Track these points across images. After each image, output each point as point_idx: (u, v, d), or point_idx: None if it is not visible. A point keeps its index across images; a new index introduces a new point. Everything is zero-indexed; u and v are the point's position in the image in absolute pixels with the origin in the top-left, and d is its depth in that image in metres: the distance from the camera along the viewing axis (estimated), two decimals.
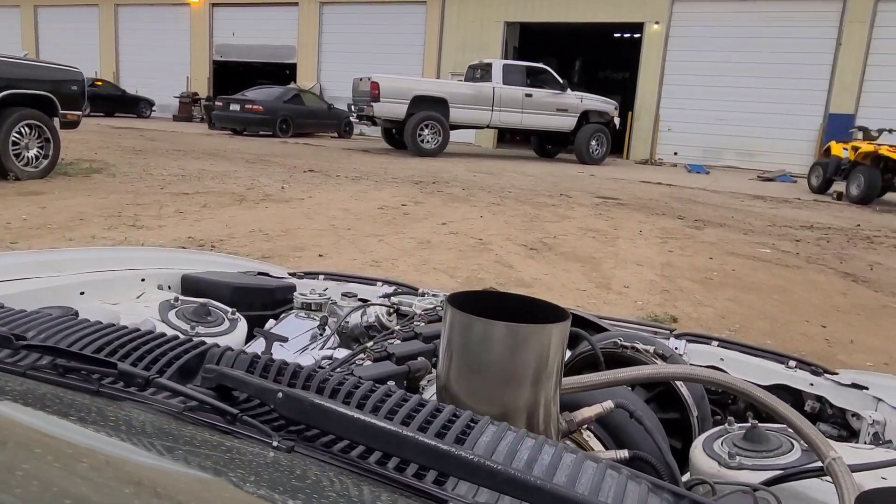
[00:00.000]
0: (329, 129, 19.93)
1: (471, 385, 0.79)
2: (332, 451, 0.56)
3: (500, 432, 0.59)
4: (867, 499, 0.72)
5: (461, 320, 0.77)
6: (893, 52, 16.09)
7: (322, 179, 9.67)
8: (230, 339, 1.38)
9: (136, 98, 24.19)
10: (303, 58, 23.70)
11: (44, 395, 0.59)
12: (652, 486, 0.61)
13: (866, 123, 12.75)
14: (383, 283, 1.90)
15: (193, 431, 0.55)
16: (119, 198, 7.07)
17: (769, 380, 1.47)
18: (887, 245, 7.33)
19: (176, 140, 15.11)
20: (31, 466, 0.46)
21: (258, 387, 0.61)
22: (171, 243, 5.24)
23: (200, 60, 25.50)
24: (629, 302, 4.55)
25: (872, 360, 3.75)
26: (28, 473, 0.44)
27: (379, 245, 5.69)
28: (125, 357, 0.70)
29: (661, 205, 9.41)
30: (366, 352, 1.12)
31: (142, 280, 1.58)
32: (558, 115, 15.43)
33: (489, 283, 4.71)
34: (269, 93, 18.55)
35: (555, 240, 6.37)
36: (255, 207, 7.11)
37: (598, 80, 24.50)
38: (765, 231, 7.72)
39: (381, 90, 13.92)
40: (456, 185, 9.92)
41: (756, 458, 0.99)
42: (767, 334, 4.09)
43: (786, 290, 5.08)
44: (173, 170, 9.63)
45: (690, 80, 18.26)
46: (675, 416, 1.22)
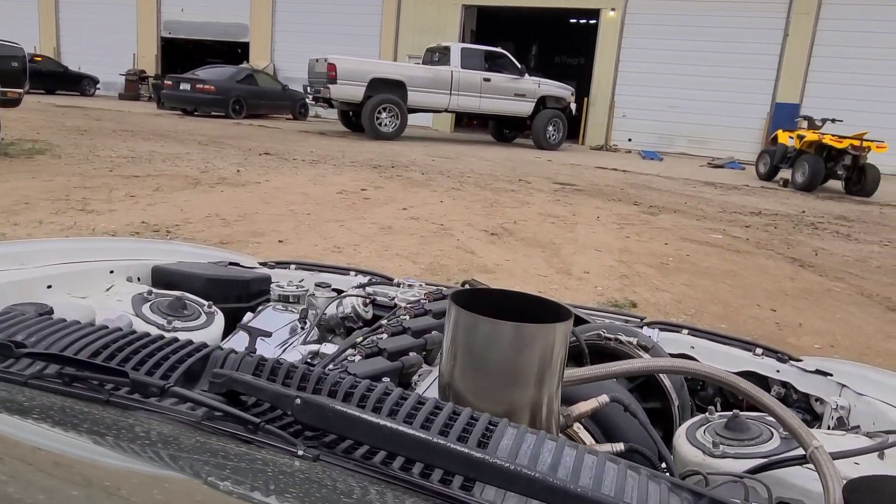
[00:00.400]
0: (283, 111, 19.52)
1: (476, 384, 0.79)
2: (354, 457, 0.56)
3: (519, 435, 0.59)
4: (853, 487, 0.76)
5: (466, 320, 0.77)
6: (837, 44, 16.69)
7: (279, 163, 9.49)
8: (208, 333, 1.35)
9: (79, 75, 23.14)
10: (255, 37, 23.07)
11: (49, 406, 0.57)
12: (650, 477, 0.63)
13: (811, 113, 13.22)
14: (357, 273, 1.88)
15: (214, 441, 0.54)
16: (65, 180, 6.79)
17: (737, 367, 1.52)
18: (830, 231, 7.65)
19: (123, 120, 14.56)
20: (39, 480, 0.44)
21: (274, 393, 0.60)
22: (124, 229, 5.07)
23: (147, 37, 24.54)
24: (590, 287, 4.63)
25: (819, 342, 3.93)
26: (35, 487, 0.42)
27: (340, 230, 5.63)
28: (125, 361, 0.68)
29: (617, 191, 9.58)
30: (356, 347, 1.11)
31: (110, 272, 1.53)
32: (516, 100, 15.48)
33: (452, 269, 4.73)
34: (221, 72, 18.02)
35: (515, 225, 6.42)
36: (210, 191, 6.93)
37: (554, 65, 24.65)
38: (716, 217, 7.95)
39: (338, 72, 13.69)
40: (415, 170, 9.88)
41: (738, 447, 1.02)
42: (721, 318, 4.23)
43: (737, 275, 5.25)
44: (122, 151, 9.29)
45: (645, 67, 18.57)
46: (656, 405, 1.25)
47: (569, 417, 0.91)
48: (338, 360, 1.06)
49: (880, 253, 6.64)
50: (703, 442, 1.05)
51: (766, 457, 0.98)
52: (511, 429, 0.61)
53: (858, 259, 6.25)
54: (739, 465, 0.97)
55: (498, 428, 0.60)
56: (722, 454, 1.01)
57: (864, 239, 7.32)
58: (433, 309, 1.32)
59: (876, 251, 6.71)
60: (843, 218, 8.72)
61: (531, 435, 0.60)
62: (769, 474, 0.94)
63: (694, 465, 1.01)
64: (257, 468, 0.51)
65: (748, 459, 0.99)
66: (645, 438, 0.96)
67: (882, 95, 16.18)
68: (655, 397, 1.27)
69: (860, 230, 7.87)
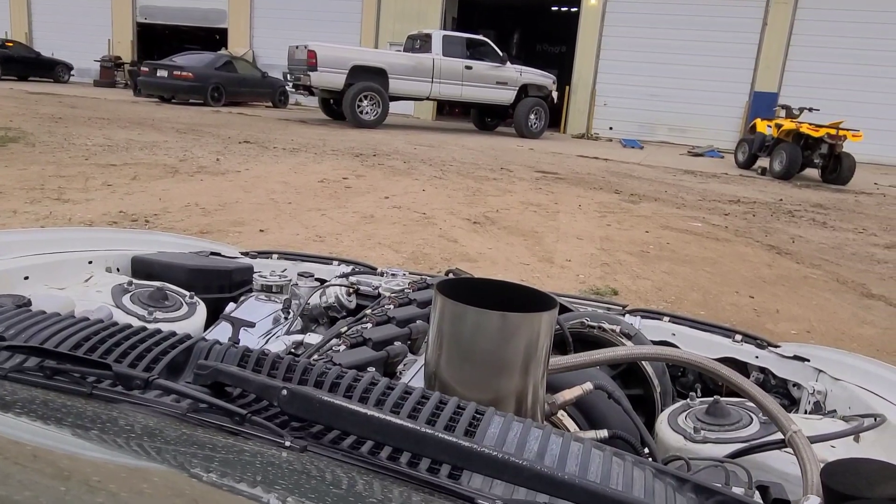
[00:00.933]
0: (263, 99, 19.28)
1: (462, 373, 0.79)
2: (342, 448, 0.56)
3: (506, 423, 0.60)
4: (830, 470, 0.78)
5: (452, 309, 0.78)
6: (815, 34, 16.86)
7: (259, 151, 9.39)
8: (190, 324, 1.34)
9: (52, 61, 22.63)
10: (234, 22, 22.72)
11: (30, 399, 0.56)
12: (635, 463, 0.64)
13: (789, 102, 13.36)
14: (340, 262, 1.88)
15: (200, 433, 0.54)
16: (40, 169, 6.66)
17: (717, 353, 1.55)
18: (807, 219, 7.76)
19: (99, 107, 14.29)
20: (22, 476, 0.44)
21: (260, 384, 0.59)
22: (102, 218, 4.99)
23: (123, 22, 24.05)
24: (571, 275, 4.66)
25: (796, 328, 4.00)
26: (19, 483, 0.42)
27: (322, 220, 5.60)
28: (107, 354, 0.67)
29: (599, 179, 9.63)
30: (340, 337, 1.10)
31: (89, 262, 1.51)
32: (498, 88, 15.45)
33: (435, 258, 4.73)
34: (199, 59, 17.73)
35: (497, 214, 6.43)
36: (189, 180, 6.84)
37: (535, 53, 24.61)
38: (696, 205, 8.03)
39: (319, 59, 13.54)
40: (397, 158, 9.84)
41: (719, 432, 1.04)
42: (701, 305, 4.29)
43: (717, 263, 5.32)
44: (98, 139, 9.13)
45: (626, 55, 18.61)
46: (639, 391, 1.27)
47: (554, 405, 0.92)
48: (322, 350, 1.06)
49: (855, 240, 6.76)
50: (685, 427, 1.06)
51: (745, 441, 1.00)
52: (497, 417, 0.61)
53: (834, 246, 6.36)
54: (720, 449, 0.99)
55: (485, 417, 0.61)
56: (703, 439, 1.03)
57: (840, 226, 7.44)
58: (417, 298, 1.32)
59: (851, 238, 6.83)
60: (819, 206, 8.85)
61: (517, 423, 0.61)
62: (749, 458, 0.96)
63: (676, 450, 1.02)
64: (245, 460, 0.50)
65: (729, 444, 1.00)
66: (628, 425, 0.97)
67: (858, 85, 16.41)
68: (638, 384, 1.28)
69: (836, 218, 8.00)
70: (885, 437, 1.03)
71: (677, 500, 0.58)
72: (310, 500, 0.46)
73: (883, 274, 5.46)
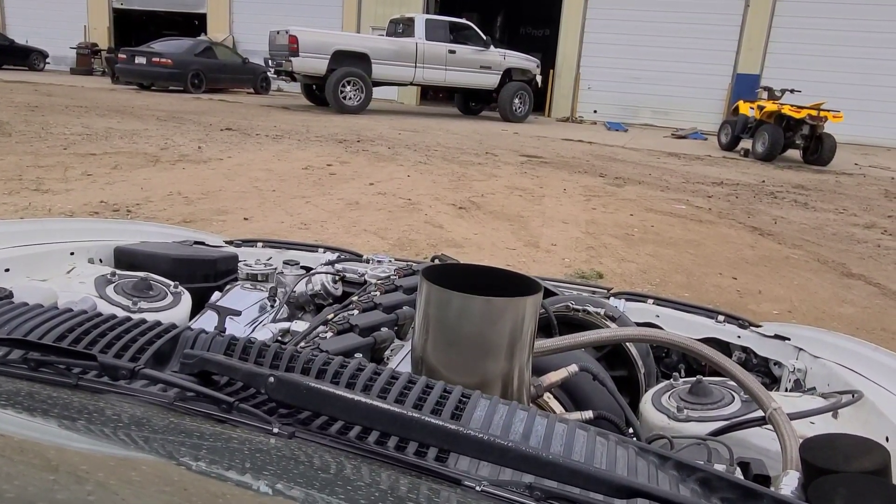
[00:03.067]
0: (245, 85, 19.06)
1: (448, 357, 0.80)
2: (330, 433, 0.56)
3: (492, 406, 0.61)
4: (809, 445, 0.80)
5: (438, 295, 0.78)
6: (796, 15, 16.94)
7: (241, 138, 9.30)
8: (175, 313, 1.33)
9: (26, 49, 22.16)
10: (213, 7, 22.36)
11: (15, 392, 0.56)
12: (618, 442, 0.65)
13: (771, 83, 13.44)
14: (325, 250, 1.87)
15: (188, 422, 0.54)
16: (17, 159, 6.55)
17: (701, 333, 1.57)
18: (788, 200, 7.85)
19: (76, 95, 14.05)
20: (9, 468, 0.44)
21: (247, 372, 0.60)
22: (82, 209, 4.93)
23: (99, 8, 23.59)
24: (557, 259, 4.69)
25: (778, 308, 4.06)
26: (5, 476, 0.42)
27: (306, 207, 5.57)
28: (92, 344, 0.67)
29: (583, 163, 9.65)
30: (327, 324, 1.11)
31: (71, 254, 1.49)
32: (482, 73, 15.39)
33: (421, 244, 4.73)
34: (178, 45, 17.46)
35: (483, 199, 6.43)
36: (171, 169, 6.77)
37: (519, 36, 24.49)
38: (680, 188, 8.08)
39: (301, 44, 13.39)
40: (381, 144, 9.79)
41: (701, 411, 1.06)
42: (685, 287, 4.33)
43: (700, 245, 5.37)
44: (76, 128, 8.98)
45: (609, 38, 18.59)
46: (623, 373, 1.29)
47: (539, 388, 0.93)
48: (309, 338, 1.06)
49: (835, 221, 6.85)
50: (668, 407, 1.08)
51: (727, 419, 1.02)
52: (484, 400, 0.62)
53: (815, 227, 6.44)
54: (702, 428, 1.01)
55: (471, 400, 0.61)
56: (686, 418, 1.05)
57: (821, 207, 7.53)
58: (403, 284, 1.32)
59: (832, 219, 6.92)
60: (800, 187, 8.94)
61: (503, 406, 0.61)
62: (731, 436, 0.98)
63: (660, 429, 1.04)
64: (233, 447, 0.51)
65: (711, 422, 1.02)
66: (613, 405, 0.99)
67: (839, 66, 16.54)
68: (622, 365, 1.30)
69: (817, 199, 8.10)
70: (862, 413, 1.05)
71: (660, 477, 0.59)
72: (299, 485, 0.47)
73: (862, 253, 5.55)
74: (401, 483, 0.49)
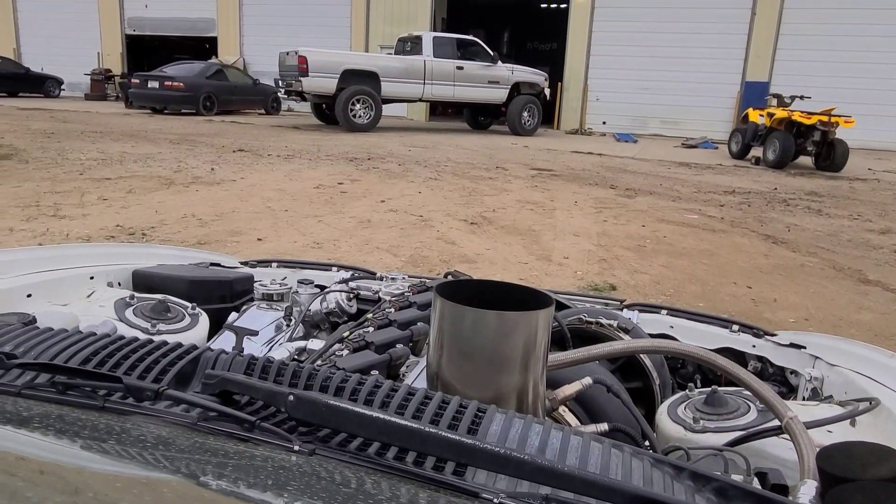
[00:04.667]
0: (256, 106, 19.30)
1: (463, 372, 0.81)
2: (349, 450, 0.57)
3: (507, 420, 0.61)
4: (826, 454, 0.80)
5: (452, 310, 0.79)
6: (803, 22, 16.92)
7: (253, 159, 9.40)
8: (193, 335, 1.35)
9: (42, 76, 22.60)
10: (223, 31, 22.72)
11: (44, 415, 0.57)
12: (633, 454, 0.66)
13: (780, 90, 13.40)
14: (339, 269, 1.89)
15: (211, 441, 0.55)
16: (35, 186, 6.66)
17: (715, 343, 1.56)
18: (802, 207, 7.79)
19: (91, 121, 14.29)
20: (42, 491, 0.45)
21: (267, 391, 0.61)
22: (99, 233, 5.00)
23: (112, 34, 24.03)
24: (569, 272, 4.68)
25: (794, 316, 4.02)
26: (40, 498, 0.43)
27: (319, 226, 5.61)
28: (116, 367, 0.69)
29: (594, 175, 9.66)
30: (343, 342, 1.12)
31: (90, 278, 1.52)
32: (490, 88, 15.49)
33: (433, 260, 4.75)
34: (190, 68, 17.74)
35: (494, 213, 6.45)
36: (184, 191, 6.85)
37: (526, 51, 24.65)
38: (691, 197, 8.06)
39: (310, 64, 13.56)
40: (391, 161, 9.85)
41: (718, 421, 1.06)
42: (699, 297, 4.31)
43: (714, 254, 5.34)
44: (92, 153, 9.13)
45: (617, 50, 18.66)
46: (638, 384, 1.29)
47: (554, 401, 0.94)
48: (326, 356, 1.08)
49: (850, 227, 6.79)
50: (684, 418, 1.08)
51: (743, 429, 1.02)
52: (499, 414, 0.63)
53: (830, 234, 6.39)
54: (719, 438, 1.01)
55: (486, 414, 0.62)
56: (702, 429, 1.05)
57: (835, 213, 7.48)
58: (417, 301, 1.33)
59: (846, 225, 6.86)
60: (814, 193, 8.88)
61: (518, 419, 0.62)
62: (747, 446, 0.98)
63: (676, 440, 1.04)
64: (256, 465, 0.52)
65: (727, 433, 1.02)
66: (628, 418, 0.99)
67: (848, 71, 16.46)
68: (637, 377, 1.30)
69: (831, 205, 8.03)
70: (880, 420, 1.05)
71: (675, 487, 0.60)
72: (321, 501, 0.48)
73: (879, 259, 5.49)
74: (420, 497, 0.50)
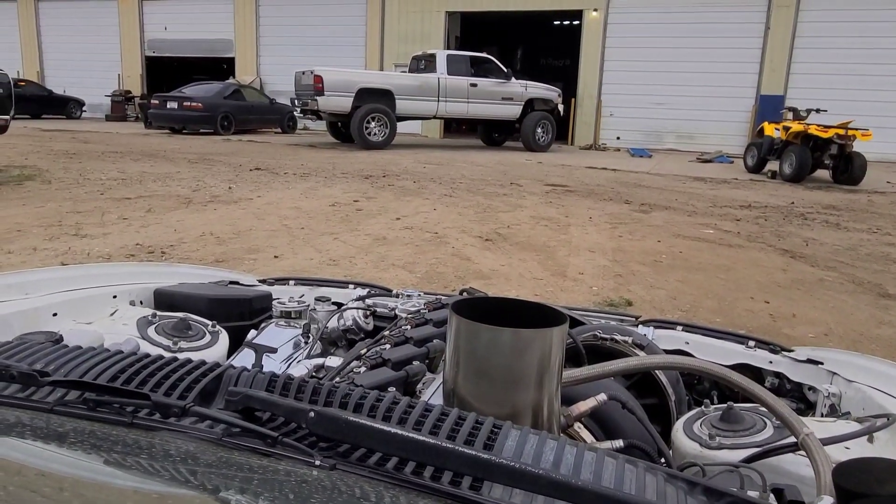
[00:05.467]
0: (272, 125, 19.56)
1: (479, 389, 0.83)
2: (369, 465, 0.59)
3: (523, 436, 0.63)
4: (842, 470, 0.80)
5: (467, 328, 0.81)
6: (818, 35, 16.88)
7: (270, 178, 9.51)
8: (213, 352, 1.38)
9: (64, 98, 23.12)
10: (241, 52, 23.12)
11: (77, 431, 0.60)
12: (647, 469, 0.67)
13: (795, 104, 13.33)
14: (356, 286, 1.91)
15: (236, 456, 0.57)
16: (57, 205, 6.79)
17: (731, 359, 1.56)
18: (820, 221, 7.72)
19: (111, 141, 14.55)
20: None
21: (288, 407, 0.63)
22: (119, 252, 5.08)
23: (132, 57, 24.56)
24: (585, 288, 4.67)
25: (813, 331, 3.98)
26: None
27: (335, 243, 5.66)
28: (143, 384, 0.71)
29: (608, 190, 9.65)
30: (360, 359, 1.14)
31: (113, 297, 1.55)
32: (504, 104, 15.58)
33: (449, 276, 4.76)
34: (208, 89, 18.05)
35: (509, 230, 6.46)
36: (202, 210, 6.95)
37: (539, 67, 24.79)
38: (707, 212, 8.02)
39: (325, 84, 13.74)
40: (406, 178, 9.92)
41: (734, 438, 1.06)
42: (716, 312, 4.28)
43: (730, 269, 5.31)
44: (112, 173, 9.30)
45: (630, 65, 18.71)
46: (654, 401, 1.29)
47: (569, 417, 0.94)
48: (344, 373, 1.10)
49: (869, 240, 6.71)
50: (700, 434, 1.08)
51: (760, 446, 1.02)
52: (514, 430, 0.64)
53: (848, 248, 6.32)
54: (735, 455, 1.01)
55: (502, 430, 0.64)
56: (718, 445, 1.05)
57: (854, 227, 7.40)
58: (433, 318, 1.35)
59: (865, 239, 6.79)
60: (831, 207, 8.80)
61: (533, 436, 0.64)
62: (763, 462, 0.97)
63: (692, 457, 1.04)
64: (280, 479, 0.54)
65: (743, 449, 1.02)
66: (643, 434, 1.00)
67: (864, 84, 16.36)
68: (652, 393, 1.30)
69: (849, 219, 7.95)
70: None
71: (689, 502, 0.60)
72: None
73: None
74: None
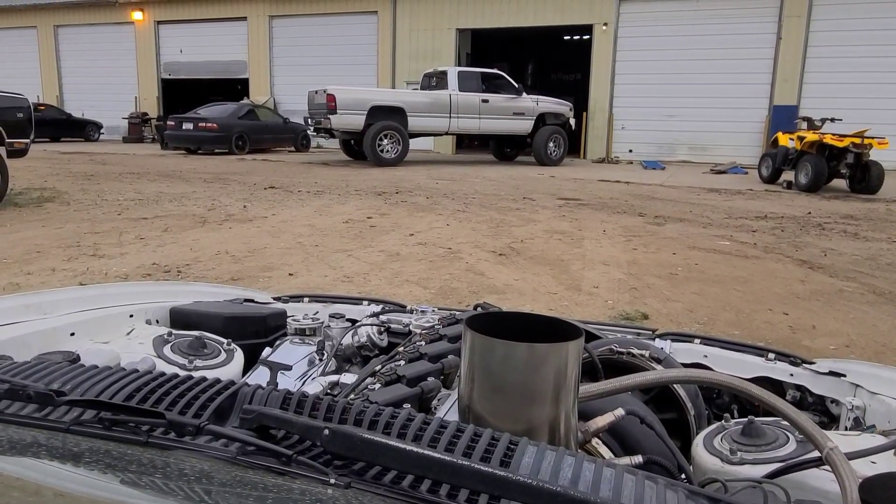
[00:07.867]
0: (286, 144, 19.76)
1: (494, 405, 0.82)
2: (384, 483, 0.58)
3: (539, 452, 0.62)
4: (869, 485, 0.78)
5: (482, 343, 0.80)
6: (831, 44, 16.80)
7: (284, 196, 9.59)
8: (228, 370, 1.38)
9: (82, 121, 23.55)
10: (255, 72, 23.45)
11: (92, 450, 0.60)
12: (668, 485, 0.65)
13: (808, 113, 13.25)
14: (370, 302, 1.91)
15: (250, 475, 0.57)
16: (75, 226, 6.89)
17: (751, 373, 1.53)
18: (837, 231, 7.63)
19: (128, 162, 14.77)
20: None
21: (303, 425, 0.63)
22: (136, 271, 5.13)
23: (148, 79, 24.98)
24: (600, 302, 4.64)
25: (834, 343, 3.91)
26: None
27: (349, 260, 5.67)
28: (158, 403, 0.71)
29: (622, 203, 9.61)
30: (375, 375, 1.13)
31: (130, 316, 1.57)
32: (515, 119, 15.64)
33: (463, 292, 4.75)
34: (222, 109, 18.30)
35: (522, 244, 6.45)
36: (218, 229, 7.01)
37: (550, 82, 24.86)
38: (722, 223, 7.95)
39: (338, 102, 13.88)
40: (419, 194, 9.95)
41: (756, 453, 1.04)
42: (734, 325, 4.23)
43: (748, 281, 5.25)
44: (129, 194, 9.42)
45: (641, 78, 18.71)
46: (672, 415, 1.27)
47: (587, 433, 0.93)
48: (359, 390, 1.09)
49: (889, 250, 6.62)
50: (721, 449, 1.06)
51: (783, 461, 0.99)
52: (531, 447, 0.63)
53: (868, 257, 6.23)
54: (757, 470, 0.99)
55: (518, 447, 0.63)
56: (740, 461, 1.03)
57: (873, 237, 7.30)
58: (448, 333, 1.34)
59: (885, 248, 6.69)
60: (849, 217, 8.70)
61: (551, 452, 0.63)
62: (787, 478, 0.95)
63: (713, 472, 1.02)
64: (295, 498, 0.53)
65: (766, 464, 1.00)
66: (663, 449, 0.98)
67: (879, 92, 16.23)
68: (671, 408, 1.28)
69: (868, 228, 7.85)
70: None
71: None
72: None
73: None
74: None
